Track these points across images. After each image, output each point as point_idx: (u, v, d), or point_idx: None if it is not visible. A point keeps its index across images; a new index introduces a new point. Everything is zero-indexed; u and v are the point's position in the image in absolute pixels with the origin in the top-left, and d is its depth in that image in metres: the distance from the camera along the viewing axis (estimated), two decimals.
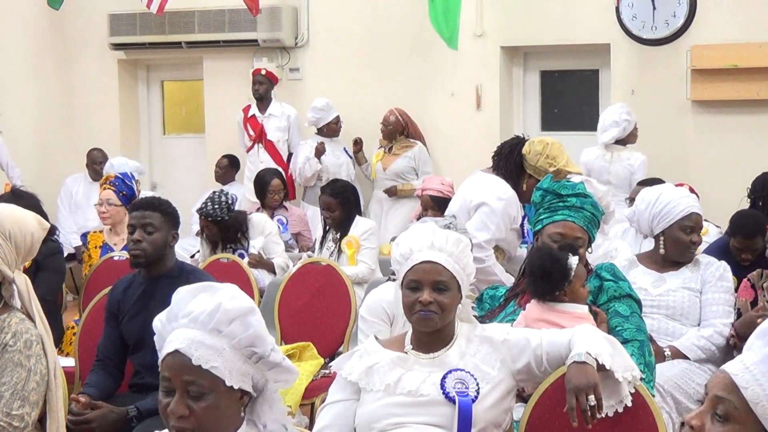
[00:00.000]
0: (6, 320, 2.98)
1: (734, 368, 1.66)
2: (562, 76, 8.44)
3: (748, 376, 1.63)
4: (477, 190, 4.71)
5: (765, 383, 1.62)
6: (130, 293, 3.87)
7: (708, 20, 7.49)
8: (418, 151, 7.92)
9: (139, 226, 3.84)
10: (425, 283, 2.79)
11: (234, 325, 2.05)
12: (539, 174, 4.53)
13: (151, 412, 3.55)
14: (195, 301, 2.09)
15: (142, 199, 4.02)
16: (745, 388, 1.62)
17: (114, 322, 3.87)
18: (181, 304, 2.10)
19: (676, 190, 4.34)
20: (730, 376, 1.65)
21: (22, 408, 2.91)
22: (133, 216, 3.89)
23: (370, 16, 8.47)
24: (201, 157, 9.22)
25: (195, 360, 2.01)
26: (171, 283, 3.74)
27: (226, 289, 2.11)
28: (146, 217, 3.85)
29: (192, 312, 2.07)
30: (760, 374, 1.63)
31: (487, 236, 4.59)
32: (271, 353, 2.10)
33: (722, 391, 1.66)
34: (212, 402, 2.02)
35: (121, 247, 5.73)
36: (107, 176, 6.17)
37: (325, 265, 5.14)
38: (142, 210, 3.88)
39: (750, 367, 1.64)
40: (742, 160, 7.32)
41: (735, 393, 1.64)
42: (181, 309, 2.10)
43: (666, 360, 3.98)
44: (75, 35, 9.46)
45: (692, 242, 4.20)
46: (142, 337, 3.77)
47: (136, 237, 3.83)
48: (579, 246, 3.50)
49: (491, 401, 2.76)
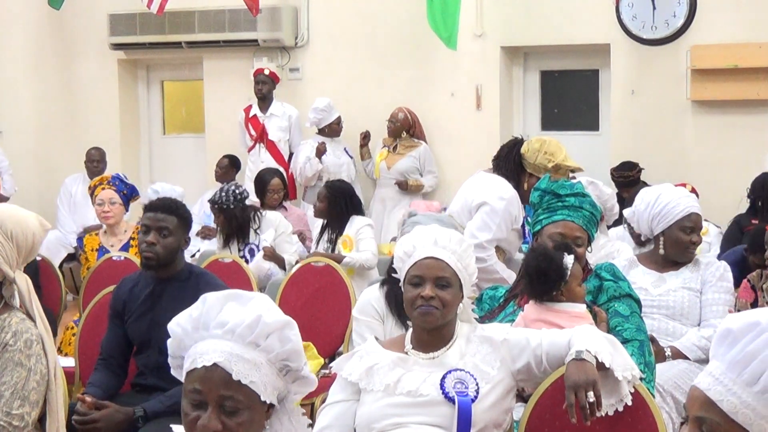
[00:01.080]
0: (6, 320, 2.98)
1: (705, 383, 1.60)
2: (562, 76, 8.44)
3: (719, 388, 1.57)
4: (478, 190, 4.71)
5: (737, 390, 1.56)
6: (137, 293, 3.85)
7: (708, 20, 7.49)
8: (423, 151, 7.98)
9: (154, 228, 3.79)
10: (427, 278, 2.81)
11: (272, 339, 1.97)
12: (539, 171, 4.53)
13: (157, 413, 3.56)
14: (228, 312, 1.97)
15: (159, 201, 3.93)
16: (720, 401, 1.56)
17: (118, 321, 3.86)
18: (212, 313, 1.97)
19: (675, 191, 4.34)
20: (703, 392, 1.59)
21: (22, 407, 2.91)
22: (148, 217, 3.82)
23: (370, 16, 8.47)
24: (201, 157, 9.23)
25: (235, 375, 1.91)
26: (180, 285, 3.76)
27: (259, 299, 2.01)
28: (163, 220, 3.79)
29: (227, 323, 1.95)
30: (731, 382, 1.57)
31: (489, 236, 4.58)
32: (304, 368, 2.04)
33: (700, 411, 1.60)
34: (246, 418, 1.94)
35: (118, 248, 5.73)
36: (102, 177, 6.16)
37: (325, 265, 5.14)
38: (159, 212, 3.82)
39: (719, 378, 1.58)
40: (742, 160, 7.32)
41: (712, 409, 1.58)
42: (212, 318, 1.97)
43: (667, 360, 3.98)
44: (75, 35, 9.46)
45: (692, 242, 4.19)
46: (148, 338, 3.77)
47: (151, 239, 3.77)
48: (579, 245, 3.50)
49: (491, 401, 2.76)
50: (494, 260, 4.61)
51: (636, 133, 7.77)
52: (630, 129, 7.81)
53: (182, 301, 3.68)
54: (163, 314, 3.75)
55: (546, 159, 4.58)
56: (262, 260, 5.81)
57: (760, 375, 1.54)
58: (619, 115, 7.88)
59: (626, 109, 7.83)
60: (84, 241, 5.94)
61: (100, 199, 5.84)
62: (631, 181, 7.30)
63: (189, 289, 3.76)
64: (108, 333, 3.88)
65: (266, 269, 5.80)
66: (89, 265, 5.67)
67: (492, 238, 4.59)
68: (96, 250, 5.81)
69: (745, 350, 1.56)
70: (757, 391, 1.54)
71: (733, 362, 1.57)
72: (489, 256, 4.60)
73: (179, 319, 2.01)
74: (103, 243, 5.83)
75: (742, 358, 1.56)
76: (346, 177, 7.96)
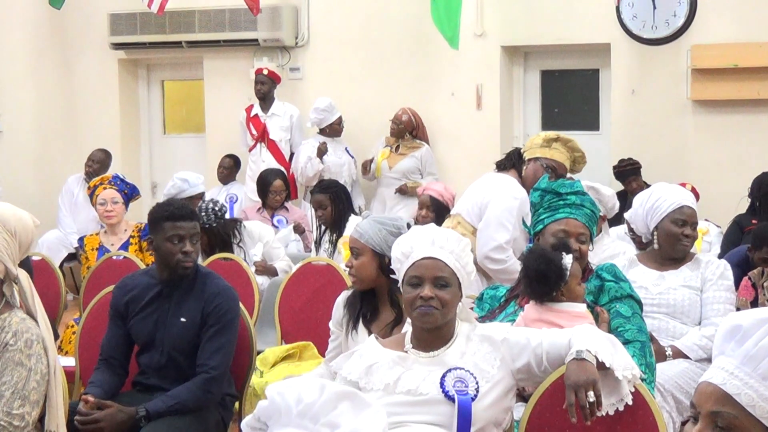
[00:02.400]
0: (6, 319, 2.98)
1: (719, 377, 1.62)
2: (562, 75, 8.44)
3: (736, 382, 1.59)
4: (490, 190, 4.74)
5: (754, 383, 1.58)
6: (142, 293, 3.82)
7: (708, 20, 7.49)
8: (425, 152, 7.98)
9: (188, 236, 3.75)
10: (426, 278, 2.81)
11: None
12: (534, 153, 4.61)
13: (160, 413, 3.55)
14: (341, 414, 1.77)
15: (180, 209, 3.83)
16: (738, 394, 1.58)
17: (120, 321, 3.84)
18: (326, 408, 1.77)
19: (667, 187, 4.36)
20: (719, 387, 1.61)
21: (22, 407, 2.91)
22: (179, 227, 3.75)
23: (370, 16, 8.47)
24: (201, 156, 9.22)
25: None
26: (188, 286, 3.77)
27: (374, 411, 1.81)
28: (193, 228, 3.78)
29: (338, 426, 1.76)
30: (746, 376, 1.59)
31: (507, 236, 4.61)
32: None
33: (716, 405, 1.61)
34: None
35: (118, 247, 5.73)
36: (102, 177, 6.16)
37: (325, 265, 5.14)
38: (187, 220, 3.78)
39: (734, 372, 1.60)
40: (742, 160, 7.32)
41: (729, 403, 1.59)
42: (322, 414, 1.77)
43: (667, 360, 3.98)
44: (75, 35, 9.46)
45: (684, 235, 4.17)
46: (152, 338, 3.77)
47: (188, 249, 3.74)
48: (582, 242, 3.50)
49: (491, 400, 2.76)
50: (513, 260, 4.62)
51: (636, 133, 7.77)
52: (630, 129, 7.81)
53: (189, 301, 3.74)
54: (171, 315, 3.77)
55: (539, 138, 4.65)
56: (255, 276, 5.77)
57: None
58: (619, 114, 7.88)
59: (626, 108, 7.83)
60: (84, 241, 5.95)
61: (102, 199, 5.84)
62: (630, 169, 7.35)
63: (196, 290, 3.77)
64: (108, 333, 3.88)
65: (260, 284, 5.76)
66: (89, 265, 5.67)
67: (510, 237, 4.60)
68: (96, 249, 5.81)
69: (758, 344, 1.59)
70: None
71: (747, 356, 1.60)
72: (508, 257, 4.61)
73: (286, 393, 1.80)
74: (103, 242, 5.84)
75: (757, 352, 1.59)
76: (347, 177, 7.98)
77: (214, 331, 3.70)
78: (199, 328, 3.71)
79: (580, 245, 3.47)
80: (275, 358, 4.57)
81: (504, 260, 4.53)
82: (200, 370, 3.67)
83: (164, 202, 4.00)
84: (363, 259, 3.48)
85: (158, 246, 3.78)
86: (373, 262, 3.46)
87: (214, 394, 3.70)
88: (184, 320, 3.73)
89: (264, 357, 4.54)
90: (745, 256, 5.04)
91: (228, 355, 3.73)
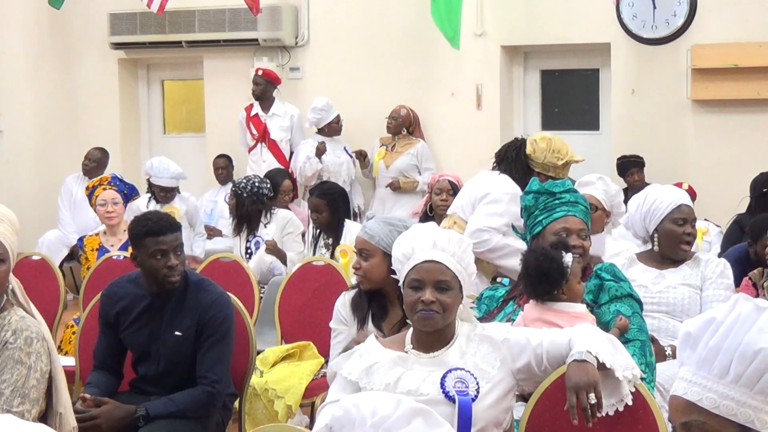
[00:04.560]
0: (6, 317, 2.98)
1: (680, 388, 1.64)
2: (562, 75, 8.45)
3: (695, 388, 1.61)
4: (483, 185, 4.75)
5: (712, 386, 1.59)
6: (131, 305, 3.76)
7: (708, 20, 7.49)
8: (421, 148, 8.01)
9: (171, 250, 3.65)
10: (427, 282, 2.79)
11: None
12: (548, 170, 4.56)
13: (159, 415, 3.54)
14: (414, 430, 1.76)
15: (159, 224, 3.71)
16: (699, 400, 1.60)
17: (109, 331, 3.80)
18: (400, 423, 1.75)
19: (662, 187, 4.35)
20: (682, 397, 1.63)
21: (22, 405, 2.91)
22: (161, 241, 3.63)
23: (370, 16, 8.48)
24: (201, 156, 9.22)
25: None
26: (180, 296, 3.70)
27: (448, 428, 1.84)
28: (175, 240, 3.68)
29: None
30: (704, 380, 1.60)
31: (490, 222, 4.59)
32: None
33: (684, 416, 1.63)
34: None
35: (118, 247, 5.73)
36: (101, 178, 6.16)
37: (325, 265, 5.14)
38: (168, 233, 3.67)
39: (692, 380, 1.62)
40: (742, 159, 7.32)
41: (695, 410, 1.61)
42: (395, 428, 1.75)
43: (667, 359, 3.97)
44: (75, 35, 9.46)
45: (686, 233, 4.16)
46: (148, 350, 3.73)
47: (173, 263, 3.63)
48: (584, 238, 3.49)
49: (491, 400, 2.76)
50: (497, 237, 4.60)
51: (636, 133, 7.78)
52: (630, 128, 7.81)
53: (183, 313, 3.68)
54: (165, 328, 3.70)
55: (555, 157, 4.60)
56: (265, 254, 5.81)
57: (728, 365, 1.58)
58: (619, 114, 7.88)
59: (626, 108, 7.83)
60: (84, 241, 5.95)
61: (103, 200, 5.84)
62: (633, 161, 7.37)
63: (188, 301, 3.70)
64: (100, 341, 3.84)
65: (268, 262, 5.79)
66: (89, 265, 5.67)
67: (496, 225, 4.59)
68: (96, 249, 5.81)
69: (708, 347, 1.61)
70: (729, 380, 1.58)
71: (701, 361, 1.62)
72: (491, 236, 4.59)
73: (362, 404, 1.79)
74: (103, 243, 5.84)
75: (707, 354, 1.61)
76: (345, 176, 7.99)
77: (211, 342, 3.64)
78: (195, 340, 3.66)
79: (582, 241, 3.47)
80: (275, 358, 4.56)
81: (488, 240, 4.53)
82: (201, 382, 3.63)
83: (142, 216, 3.84)
84: (374, 260, 3.46)
85: (142, 262, 3.68)
86: (384, 263, 3.42)
87: (217, 406, 3.69)
88: (179, 334, 3.67)
89: (264, 357, 4.54)
90: (744, 253, 5.04)
91: (227, 364, 3.69)
